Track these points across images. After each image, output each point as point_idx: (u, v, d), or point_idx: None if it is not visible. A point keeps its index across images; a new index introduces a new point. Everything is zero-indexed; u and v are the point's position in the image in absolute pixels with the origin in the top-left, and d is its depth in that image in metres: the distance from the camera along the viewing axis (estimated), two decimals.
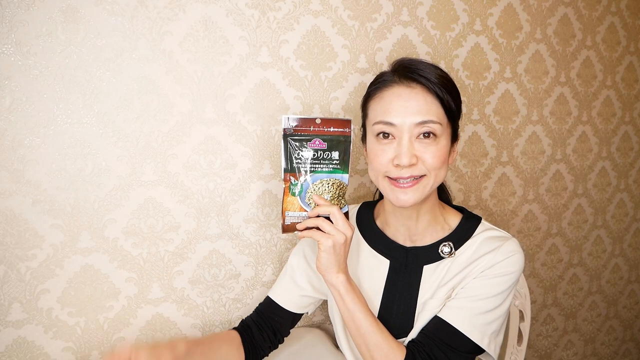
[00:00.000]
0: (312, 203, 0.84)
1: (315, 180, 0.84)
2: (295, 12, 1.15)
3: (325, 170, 0.85)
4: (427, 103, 0.81)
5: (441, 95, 0.82)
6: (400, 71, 0.85)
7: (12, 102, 0.93)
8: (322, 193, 0.84)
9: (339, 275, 0.84)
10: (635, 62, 1.71)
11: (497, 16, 1.42)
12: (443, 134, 0.83)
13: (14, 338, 0.99)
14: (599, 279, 1.82)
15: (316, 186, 0.84)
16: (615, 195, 1.78)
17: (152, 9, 1.02)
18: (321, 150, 0.84)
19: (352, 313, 0.85)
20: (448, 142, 0.85)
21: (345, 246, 0.83)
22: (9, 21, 0.91)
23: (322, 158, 0.85)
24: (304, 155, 0.84)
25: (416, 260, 0.91)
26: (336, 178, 0.85)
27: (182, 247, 1.11)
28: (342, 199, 0.86)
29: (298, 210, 0.84)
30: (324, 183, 0.85)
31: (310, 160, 0.84)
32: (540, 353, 1.76)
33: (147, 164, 1.05)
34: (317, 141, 0.84)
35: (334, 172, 0.85)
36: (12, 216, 0.96)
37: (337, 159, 0.85)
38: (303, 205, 0.84)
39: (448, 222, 0.93)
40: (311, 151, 0.84)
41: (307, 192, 0.84)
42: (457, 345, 0.82)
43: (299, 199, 0.84)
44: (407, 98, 0.82)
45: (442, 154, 0.83)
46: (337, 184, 0.85)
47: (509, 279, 0.84)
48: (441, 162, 0.83)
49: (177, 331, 1.14)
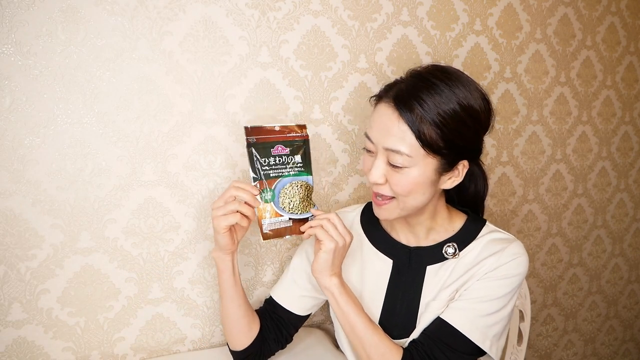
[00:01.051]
0: (287, 206, 0.86)
1: (284, 185, 0.87)
2: (295, 12, 1.15)
3: (291, 173, 0.87)
4: (400, 131, 0.78)
5: (418, 129, 0.76)
6: (400, 88, 0.81)
7: (12, 102, 0.93)
8: (294, 196, 0.87)
9: (332, 278, 0.85)
10: (635, 62, 1.71)
11: (497, 16, 1.42)
12: (416, 165, 0.78)
13: (14, 338, 0.99)
14: (599, 279, 1.82)
15: (287, 190, 0.87)
16: (615, 195, 1.78)
17: (152, 9, 1.02)
18: (284, 155, 0.87)
19: (346, 315, 0.85)
20: (426, 172, 0.80)
21: (343, 250, 0.84)
22: (9, 21, 0.91)
23: (287, 163, 0.87)
24: (270, 162, 0.86)
25: (419, 261, 0.91)
26: (302, 180, 0.88)
27: (182, 247, 1.11)
28: (310, 200, 0.89)
29: (274, 217, 0.86)
30: (294, 186, 0.87)
31: (276, 166, 0.87)
32: (540, 353, 1.76)
33: (147, 164, 1.05)
34: (279, 147, 0.87)
35: (299, 175, 0.88)
36: (12, 216, 0.96)
37: (300, 162, 0.88)
38: (278, 211, 0.86)
39: (453, 224, 0.93)
40: (275, 157, 0.87)
41: (279, 197, 0.86)
42: (458, 346, 0.82)
43: (273, 205, 0.86)
44: (386, 120, 0.80)
45: (408, 184, 0.80)
46: (305, 186, 0.88)
47: (512, 281, 0.84)
48: (407, 191, 0.80)
49: (177, 331, 1.14)
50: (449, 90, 0.77)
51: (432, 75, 0.80)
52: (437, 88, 0.77)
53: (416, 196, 0.82)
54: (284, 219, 0.86)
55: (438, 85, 0.78)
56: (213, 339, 1.18)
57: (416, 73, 0.83)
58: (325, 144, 1.23)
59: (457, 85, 0.78)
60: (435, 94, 0.77)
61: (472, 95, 0.79)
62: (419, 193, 0.82)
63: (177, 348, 1.15)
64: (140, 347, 1.11)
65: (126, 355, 1.10)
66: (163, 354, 1.13)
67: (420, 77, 0.81)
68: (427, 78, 0.80)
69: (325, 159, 1.24)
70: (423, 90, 0.78)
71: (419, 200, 0.83)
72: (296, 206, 0.87)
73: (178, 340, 1.15)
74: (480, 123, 0.82)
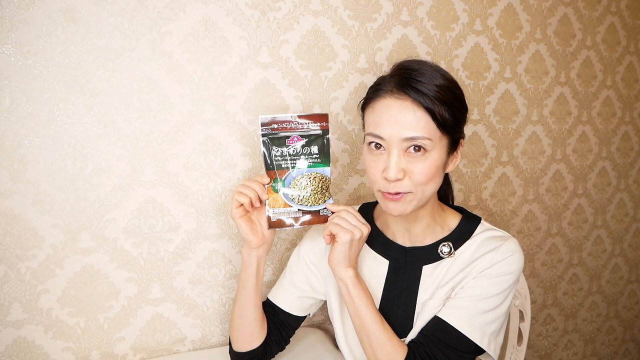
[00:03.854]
0: (296, 198, 0.86)
1: (296, 176, 0.86)
2: (295, 12, 1.15)
3: (305, 165, 0.87)
4: (417, 118, 0.79)
5: (432, 109, 0.79)
6: (396, 79, 0.82)
7: (12, 102, 0.93)
8: (305, 187, 0.86)
9: (348, 269, 0.85)
10: (635, 62, 1.71)
11: (497, 16, 1.42)
12: (435, 147, 0.80)
13: (14, 338, 0.99)
14: (599, 279, 1.82)
15: (297, 181, 0.86)
16: (615, 195, 1.78)
17: (152, 9, 1.02)
18: (300, 146, 0.86)
19: (357, 308, 0.85)
20: (442, 154, 0.82)
21: (360, 242, 0.84)
22: (9, 21, 0.91)
23: (302, 153, 0.86)
24: (284, 152, 0.86)
25: (415, 261, 0.91)
26: (317, 172, 0.87)
27: (182, 247, 1.11)
28: (326, 192, 0.87)
29: (282, 207, 0.86)
30: (305, 177, 0.86)
31: (290, 156, 0.86)
32: (540, 353, 1.76)
33: (147, 164, 1.05)
34: (295, 138, 0.86)
35: (314, 166, 0.87)
36: (12, 216, 0.96)
37: (317, 153, 0.87)
38: (287, 201, 0.86)
39: (447, 223, 0.93)
40: (290, 148, 0.86)
41: (290, 188, 0.86)
42: (457, 345, 0.82)
43: (282, 196, 0.86)
44: (397, 112, 0.79)
45: (431, 169, 0.81)
46: (319, 178, 0.87)
47: (508, 278, 0.84)
48: (429, 178, 0.81)
49: (177, 331, 1.14)
50: (432, 69, 0.83)
51: (412, 63, 0.86)
52: (424, 71, 0.83)
53: (434, 182, 0.83)
54: (292, 210, 0.86)
55: (421, 69, 0.83)
56: (213, 339, 1.18)
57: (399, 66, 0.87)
58: None
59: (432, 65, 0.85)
60: (426, 75, 0.82)
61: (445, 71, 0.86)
62: (436, 178, 0.83)
63: (177, 348, 1.15)
64: (140, 347, 1.11)
65: (126, 355, 1.10)
66: (163, 354, 1.13)
67: (404, 67, 0.85)
68: (411, 67, 0.84)
69: None
70: (416, 75, 0.82)
71: (435, 187, 0.85)
72: (306, 198, 0.86)
73: (178, 340, 1.15)
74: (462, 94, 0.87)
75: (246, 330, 0.93)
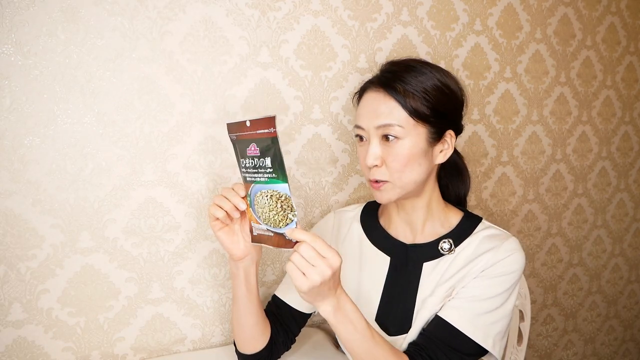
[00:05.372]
0: (261, 216, 0.74)
1: (256, 192, 0.73)
2: (295, 12, 1.15)
3: (262, 180, 0.72)
4: (389, 107, 0.84)
5: (403, 98, 0.82)
6: (377, 75, 0.89)
7: (12, 102, 0.93)
8: (264, 206, 0.72)
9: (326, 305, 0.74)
10: (635, 62, 1.71)
11: (497, 16, 1.42)
12: (408, 135, 0.83)
13: (14, 338, 0.99)
14: (599, 279, 1.82)
15: (257, 199, 0.73)
16: (615, 195, 1.78)
17: (152, 9, 1.02)
18: (256, 157, 0.71)
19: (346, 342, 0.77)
20: (418, 142, 0.84)
21: (330, 281, 0.69)
22: (9, 21, 0.91)
23: (259, 167, 0.71)
24: (247, 164, 0.73)
25: (416, 257, 0.92)
26: (274, 189, 0.70)
27: (182, 247, 1.11)
28: (288, 212, 0.70)
29: (255, 223, 0.75)
30: (263, 196, 0.72)
31: (250, 169, 0.73)
32: (540, 353, 1.76)
33: (147, 164, 1.05)
34: (252, 147, 0.71)
35: (270, 183, 0.71)
36: (12, 216, 0.96)
37: (270, 167, 0.70)
38: (257, 218, 0.74)
39: (449, 220, 0.94)
40: (249, 159, 0.72)
41: (254, 205, 0.74)
42: (459, 346, 0.82)
43: (252, 212, 0.75)
44: (372, 102, 0.86)
45: (405, 156, 0.83)
46: (277, 196, 0.70)
47: (510, 278, 0.84)
48: (403, 165, 0.84)
49: (177, 331, 1.14)
50: (430, 71, 0.85)
51: (411, 61, 0.88)
52: (419, 69, 0.85)
53: (413, 169, 0.85)
54: (262, 228, 0.75)
55: (419, 67, 0.86)
56: (213, 339, 1.18)
57: (394, 62, 0.90)
58: (325, 144, 1.23)
59: (436, 69, 0.87)
60: (417, 74, 0.84)
61: (449, 78, 0.88)
62: (415, 165, 0.84)
63: (177, 348, 1.15)
64: (140, 347, 1.11)
65: (126, 355, 1.10)
66: (163, 354, 1.13)
67: (398, 64, 0.89)
68: (407, 64, 0.87)
69: (325, 159, 1.24)
70: (404, 72, 0.85)
71: (416, 173, 0.85)
72: (268, 219, 0.72)
73: (178, 340, 1.15)
74: (458, 99, 0.89)
75: (247, 335, 0.92)
